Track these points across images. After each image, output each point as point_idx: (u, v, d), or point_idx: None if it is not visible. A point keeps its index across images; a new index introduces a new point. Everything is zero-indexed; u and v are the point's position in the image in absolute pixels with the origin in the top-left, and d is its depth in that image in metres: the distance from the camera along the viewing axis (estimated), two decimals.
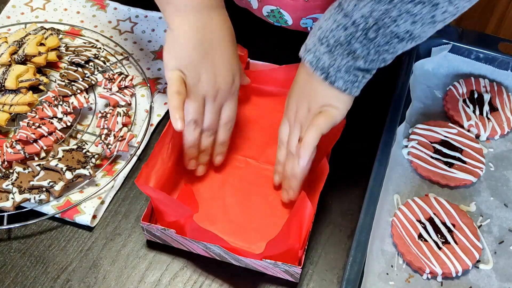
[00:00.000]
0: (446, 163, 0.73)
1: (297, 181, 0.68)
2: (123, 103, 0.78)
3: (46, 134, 0.74)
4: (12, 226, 0.69)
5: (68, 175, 0.70)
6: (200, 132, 0.71)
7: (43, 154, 0.73)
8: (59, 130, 0.75)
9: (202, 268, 0.67)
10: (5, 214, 0.69)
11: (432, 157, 0.74)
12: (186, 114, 0.67)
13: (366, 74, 0.63)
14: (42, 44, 0.82)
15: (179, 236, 0.65)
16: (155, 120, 0.79)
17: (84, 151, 0.73)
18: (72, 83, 0.79)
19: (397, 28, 0.58)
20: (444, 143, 0.75)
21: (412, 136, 0.76)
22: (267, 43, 0.88)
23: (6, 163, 0.72)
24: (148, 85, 0.82)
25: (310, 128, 0.65)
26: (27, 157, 0.73)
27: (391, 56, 0.62)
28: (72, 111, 0.77)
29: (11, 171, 0.71)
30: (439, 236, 0.67)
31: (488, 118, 0.78)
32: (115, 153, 0.74)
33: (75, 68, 0.81)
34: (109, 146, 0.73)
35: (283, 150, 0.71)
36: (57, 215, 0.70)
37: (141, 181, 0.65)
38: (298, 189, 0.69)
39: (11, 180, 0.70)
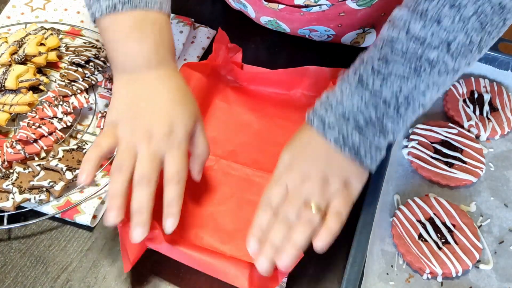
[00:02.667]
0: (446, 163, 0.73)
1: (297, 249, 0.58)
2: None
3: (46, 134, 0.74)
4: (12, 226, 0.69)
5: (68, 175, 0.70)
6: (130, 183, 0.60)
7: (43, 154, 0.74)
8: (59, 130, 0.75)
9: (204, 274, 0.67)
10: (5, 214, 0.69)
11: (432, 157, 0.74)
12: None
13: (384, 150, 0.62)
14: (42, 44, 0.82)
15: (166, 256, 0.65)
16: None
17: (84, 151, 0.73)
18: (72, 83, 0.79)
19: (424, 99, 0.59)
20: (444, 143, 0.75)
21: (412, 136, 0.76)
22: (266, 43, 0.88)
23: (6, 163, 0.72)
24: None
25: (334, 216, 0.59)
26: (27, 157, 0.73)
27: (410, 124, 0.62)
28: (72, 111, 0.77)
29: (11, 171, 0.71)
30: (439, 236, 0.67)
31: (488, 118, 0.78)
32: (115, 153, 0.74)
33: (75, 68, 0.81)
34: None
35: (268, 213, 0.60)
36: (57, 215, 0.70)
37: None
38: (295, 259, 0.58)
39: (11, 180, 0.70)
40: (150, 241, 0.62)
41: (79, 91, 0.79)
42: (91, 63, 0.82)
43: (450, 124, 0.77)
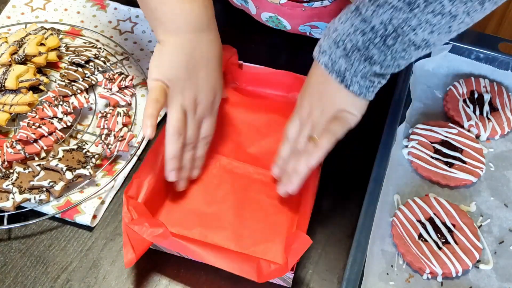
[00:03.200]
0: (446, 163, 0.73)
1: (300, 178, 0.67)
2: (123, 103, 0.78)
3: (46, 134, 0.74)
4: (12, 226, 0.69)
5: (68, 175, 0.70)
6: (183, 144, 0.70)
7: (43, 154, 0.74)
8: (59, 130, 0.75)
9: (202, 268, 0.67)
10: (5, 214, 0.69)
11: (432, 157, 0.74)
12: (168, 124, 0.68)
13: (382, 80, 0.63)
14: (42, 44, 0.82)
15: (170, 249, 0.65)
16: None
17: (84, 151, 0.73)
18: (72, 83, 0.79)
19: (415, 37, 0.59)
20: (444, 143, 0.75)
21: (412, 136, 0.76)
22: (266, 43, 0.88)
23: (6, 163, 0.72)
24: None
25: (326, 133, 0.65)
26: (27, 157, 0.73)
27: (405, 62, 0.62)
28: (72, 111, 0.77)
29: (11, 171, 0.71)
30: (439, 236, 0.67)
31: (488, 118, 0.78)
32: (115, 153, 0.74)
33: (75, 68, 0.81)
34: (109, 146, 0.74)
35: (288, 146, 0.70)
36: (57, 215, 0.70)
37: (132, 192, 0.65)
38: (299, 185, 0.68)
39: (11, 180, 0.70)
40: (156, 237, 0.62)
41: (79, 91, 0.79)
42: (91, 63, 0.82)
43: (450, 124, 0.77)
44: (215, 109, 0.73)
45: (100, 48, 0.84)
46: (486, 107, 0.79)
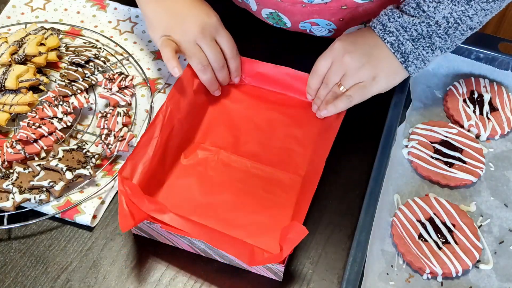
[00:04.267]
0: (446, 163, 0.73)
1: (337, 110, 0.75)
2: (123, 103, 0.78)
3: (46, 134, 0.74)
4: (12, 226, 0.69)
5: (68, 175, 0.70)
6: (212, 70, 0.78)
7: (43, 154, 0.74)
8: (59, 130, 0.75)
9: (202, 268, 0.67)
10: (5, 214, 0.69)
11: (432, 157, 0.74)
12: (189, 60, 0.77)
13: (428, 63, 0.73)
14: (42, 44, 0.82)
15: (164, 230, 0.65)
16: None
17: (84, 151, 0.73)
18: (72, 83, 0.79)
19: (472, 23, 0.70)
20: (444, 143, 0.75)
21: (412, 136, 0.76)
22: (266, 43, 0.88)
23: (6, 163, 0.72)
24: (148, 85, 0.82)
25: (344, 98, 0.74)
26: (27, 157, 0.73)
27: (461, 41, 0.72)
28: (72, 111, 0.77)
29: (11, 171, 0.71)
30: (439, 236, 0.67)
31: (488, 118, 0.78)
32: (115, 153, 0.74)
33: (75, 68, 0.81)
34: (109, 146, 0.74)
35: (317, 79, 0.77)
36: (57, 215, 0.70)
37: (126, 173, 0.66)
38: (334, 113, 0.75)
39: (11, 180, 0.70)
40: (155, 211, 0.63)
41: (79, 91, 0.79)
42: (91, 63, 0.82)
43: (450, 124, 0.77)
44: (219, 25, 0.78)
45: (100, 48, 0.84)
46: (486, 107, 0.79)
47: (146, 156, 0.69)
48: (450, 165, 0.73)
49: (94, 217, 0.70)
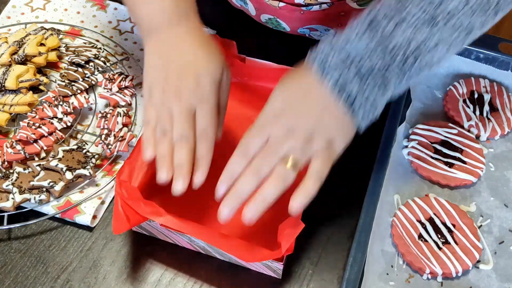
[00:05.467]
0: (446, 163, 0.73)
1: (264, 204, 0.56)
2: (123, 103, 0.78)
3: (46, 134, 0.74)
4: (12, 226, 0.69)
5: (68, 175, 0.70)
6: (171, 142, 0.62)
7: (43, 154, 0.74)
8: (59, 130, 0.75)
9: (203, 268, 0.67)
10: (5, 214, 0.69)
11: (432, 157, 0.74)
12: (147, 121, 0.63)
13: (380, 111, 0.59)
14: (42, 44, 0.82)
15: (164, 228, 0.65)
16: None
17: (84, 151, 0.73)
18: (72, 83, 0.79)
19: (432, 57, 0.56)
20: (444, 143, 0.75)
21: (412, 136, 0.76)
22: (264, 44, 0.88)
23: (6, 163, 0.72)
24: None
25: (312, 178, 0.57)
26: (27, 157, 0.73)
27: (412, 83, 0.59)
28: (72, 111, 0.77)
29: (11, 171, 0.71)
30: (439, 236, 0.67)
31: (488, 118, 0.78)
32: (115, 153, 0.74)
33: (75, 68, 0.81)
34: (109, 146, 0.74)
35: (243, 162, 0.58)
36: (57, 215, 0.70)
37: (124, 176, 0.65)
38: (260, 214, 0.57)
39: (11, 180, 0.70)
40: (151, 214, 0.63)
41: (79, 91, 0.79)
42: (91, 63, 0.82)
43: (450, 124, 0.77)
44: (207, 97, 0.63)
45: (100, 48, 0.84)
46: (486, 107, 0.79)
47: (141, 160, 0.68)
48: (450, 165, 0.73)
49: (94, 217, 0.70)
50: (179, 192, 0.60)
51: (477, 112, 0.79)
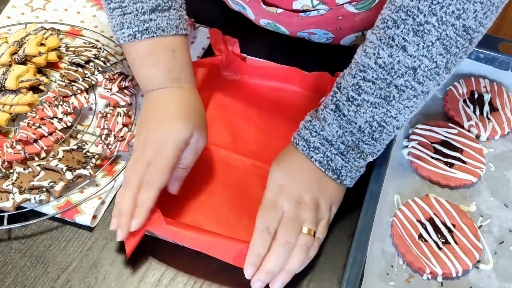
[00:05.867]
0: (446, 163, 0.73)
1: (290, 276, 0.63)
2: (123, 103, 0.78)
3: (46, 134, 0.74)
4: (12, 226, 0.69)
5: (69, 175, 0.70)
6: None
7: (43, 154, 0.74)
8: (59, 130, 0.75)
9: (203, 268, 0.67)
10: (5, 214, 0.69)
11: (432, 157, 0.74)
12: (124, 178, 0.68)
13: (363, 169, 0.67)
14: (42, 44, 0.82)
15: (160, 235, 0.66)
16: None
17: (84, 151, 0.73)
18: (72, 83, 0.79)
19: (398, 122, 0.64)
20: (444, 143, 0.75)
21: (412, 136, 0.76)
22: (264, 44, 0.88)
23: (6, 163, 0.72)
24: None
25: (316, 245, 0.65)
26: (28, 157, 0.73)
27: (389, 141, 0.66)
28: (72, 111, 0.77)
29: (11, 171, 0.71)
30: (439, 236, 0.67)
31: (488, 118, 0.78)
32: (115, 153, 0.74)
33: (75, 68, 0.81)
34: (110, 146, 0.74)
35: (267, 239, 0.63)
36: (57, 215, 0.70)
37: None
38: (286, 282, 0.63)
39: (11, 180, 0.70)
40: (149, 224, 0.64)
41: (79, 91, 0.79)
42: (91, 63, 0.82)
43: (450, 124, 0.77)
44: (161, 158, 0.66)
45: (100, 48, 0.84)
46: (486, 107, 0.79)
47: None
48: (450, 165, 0.73)
49: (94, 217, 0.70)
50: (119, 239, 0.65)
51: (477, 112, 0.79)
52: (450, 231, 0.68)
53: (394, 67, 0.61)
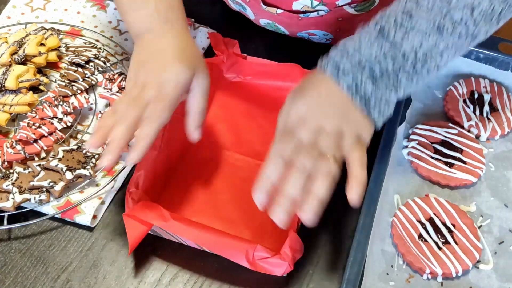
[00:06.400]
0: (446, 163, 0.73)
1: (319, 202, 0.57)
2: None
3: (46, 134, 0.74)
4: (12, 226, 0.69)
5: (68, 175, 0.70)
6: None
7: (43, 154, 0.74)
8: (59, 130, 0.75)
9: (202, 268, 0.67)
10: (5, 214, 0.69)
11: (432, 157, 0.74)
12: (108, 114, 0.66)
13: (392, 108, 0.62)
14: (42, 44, 0.82)
15: (167, 233, 0.66)
16: None
17: (84, 151, 0.73)
18: (72, 83, 0.79)
19: (441, 60, 0.60)
20: (444, 143, 0.75)
21: (412, 136, 0.76)
22: (264, 44, 0.88)
23: (6, 163, 0.72)
24: None
25: (359, 166, 0.59)
26: (27, 157, 0.73)
27: (422, 83, 0.62)
28: (72, 111, 0.77)
29: (11, 171, 0.71)
30: (439, 236, 0.67)
31: (488, 118, 0.78)
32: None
33: (75, 68, 0.81)
34: None
35: (279, 165, 0.58)
36: (57, 215, 0.70)
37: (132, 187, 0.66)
38: (319, 212, 0.57)
39: (11, 180, 0.70)
40: (156, 219, 0.63)
41: (79, 91, 0.79)
42: (91, 63, 0.82)
43: (450, 124, 0.77)
44: (162, 98, 0.63)
45: (100, 48, 0.84)
46: (486, 107, 0.79)
47: (150, 162, 0.69)
48: (450, 165, 0.73)
49: (94, 217, 0.70)
50: (102, 166, 0.62)
51: (477, 112, 0.79)
52: (450, 231, 0.68)
53: (453, 0, 0.58)
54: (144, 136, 0.61)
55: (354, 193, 0.57)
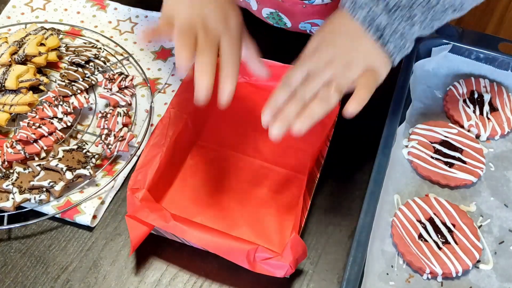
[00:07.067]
0: (446, 163, 0.73)
1: (311, 119, 0.60)
2: (123, 103, 0.78)
3: (46, 134, 0.74)
4: (12, 226, 0.69)
5: (68, 175, 0.70)
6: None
7: (43, 154, 0.74)
8: (60, 130, 0.75)
9: (202, 268, 0.67)
10: (5, 214, 0.69)
11: (432, 157, 0.74)
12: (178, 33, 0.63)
13: (411, 45, 0.62)
14: (42, 44, 0.82)
15: (169, 233, 0.65)
16: (155, 120, 0.79)
17: (84, 151, 0.73)
18: (72, 83, 0.79)
19: (456, 2, 0.60)
20: (444, 143, 0.75)
21: (412, 136, 0.76)
22: (266, 43, 0.88)
23: (6, 163, 0.72)
24: (149, 85, 0.82)
25: (363, 88, 0.61)
26: (28, 157, 0.73)
27: (438, 24, 0.63)
28: (72, 111, 0.77)
29: (11, 171, 0.71)
30: (439, 236, 0.67)
31: (488, 118, 0.78)
32: (115, 153, 0.74)
33: (75, 68, 0.81)
34: (109, 146, 0.74)
35: (286, 92, 0.62)
36: (57, 215, 0.70)
37: (134, 185, 0.66)
38: (307, 128, 0.60)
39: (11, 180, 0.70)
40: (157, 220, 0.63)
41: (79, 91, 0.79)
42: (91, 63, 0.82)
43: (450, 124, 0.77)
44: (232, 29, 0.64)
45: (100, 48, 0.84)
46: (486, 107, 0.79)
47: (154, 161, 0.69)
48: (450, 165, 0.73)
49: (94, 217, 0.70)
50: (204, 89, 0.61)
51: (477, 112, 0.79)
52: (450, 231, 0.68)
53: None
54: (228, 75, 0.63)
55: (349, 107, 0.60)
